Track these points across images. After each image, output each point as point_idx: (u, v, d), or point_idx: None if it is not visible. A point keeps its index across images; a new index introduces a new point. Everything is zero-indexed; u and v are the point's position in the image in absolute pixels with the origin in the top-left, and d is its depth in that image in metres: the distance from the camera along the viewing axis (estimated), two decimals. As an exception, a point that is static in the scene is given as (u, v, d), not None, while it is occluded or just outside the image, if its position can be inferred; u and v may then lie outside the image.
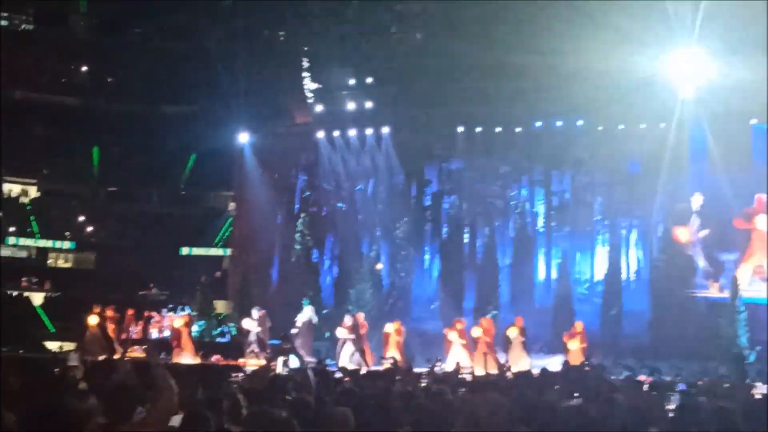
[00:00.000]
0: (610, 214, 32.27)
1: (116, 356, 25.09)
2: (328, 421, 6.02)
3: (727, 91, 26.67)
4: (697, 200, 29.42)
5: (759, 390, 13.74)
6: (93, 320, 28.12)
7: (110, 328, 28.69)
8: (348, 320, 26.48)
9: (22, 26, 40.73)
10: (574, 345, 25.19)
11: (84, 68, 41.41)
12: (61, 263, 46.27)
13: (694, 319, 28.67)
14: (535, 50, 26.48)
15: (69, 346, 33.16)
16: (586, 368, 17.38)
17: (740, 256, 28.88)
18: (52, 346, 33.15)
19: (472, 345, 26.06)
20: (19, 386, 7.11)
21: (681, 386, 15.34)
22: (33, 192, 46.63)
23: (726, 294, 27.95)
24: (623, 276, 31.09)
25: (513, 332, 25.78)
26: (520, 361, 24.44)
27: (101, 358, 23.49)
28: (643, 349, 27.54)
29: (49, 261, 45.81)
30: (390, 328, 26.51)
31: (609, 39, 25.07)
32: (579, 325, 26.17)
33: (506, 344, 25.80)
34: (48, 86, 40.20)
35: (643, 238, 32.21)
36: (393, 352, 25.65)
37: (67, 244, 45.33)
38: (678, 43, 27.02)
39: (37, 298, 40.67)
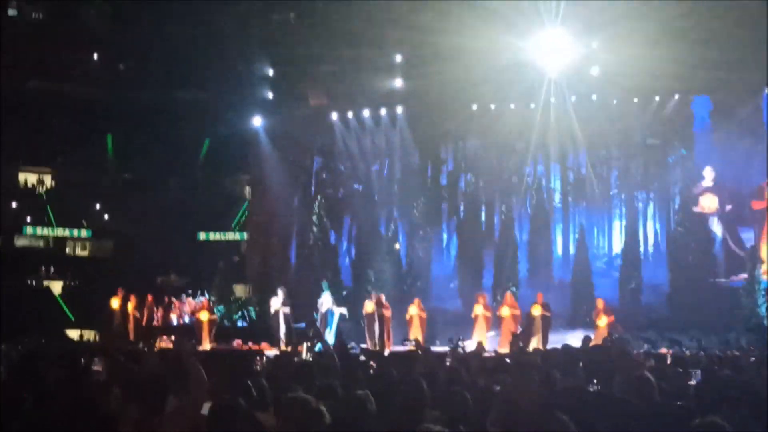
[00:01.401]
0: (627, 187, 32.23)
1: (141, 344, 25.35)
2: (354, 405, 6.05)
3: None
4: (708, 174, 29.40)
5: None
6: (115, 304, 28.34)
7: (133, 314, 28.84)
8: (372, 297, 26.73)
9: (33, 16, 40.75)
10: (602, 322, 25.25)
11: (96, 57, 41.42)
12: (79, 252, 46.48)
13: (713, 290, 28.68)
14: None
15: (89, 334, 33.44)
16: (609, 344, 17.38)
17: (759, 231, 28.81)
18: (73, 334, 33.38)
19: (496, 320, 26.19)
20: (51, 381, 7.17)
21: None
22: (49, 181, 46.84)
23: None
24: (641, 249, 31.09)
25: (537, 310, 25.82)
26: (541, 339, 24.56)
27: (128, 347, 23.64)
28: (663, 322, 27.57)
29: (66, 250, 46.02)
30: (413, 310, 26.56)
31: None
32: (600, 303, 26.15)
33: (530, 323, 25.83)
34: (61, 76, 40.23)
35: (660, 210, 32.16)
36: (417, 333, 25.71)
37: (84, 233, 45.54)
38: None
39: (56, 287, 40.91)
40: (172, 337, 27.50)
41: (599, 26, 27.01)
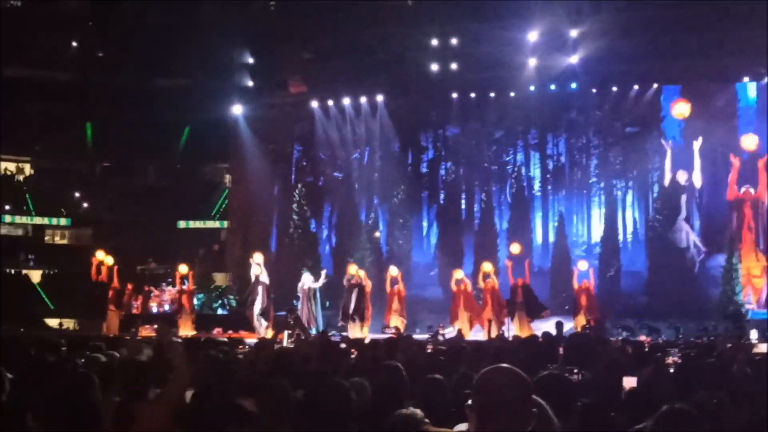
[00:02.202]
0: (606, 175, 32.39)
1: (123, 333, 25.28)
2: (335, 393, 6.08)
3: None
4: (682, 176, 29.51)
5: (759, 349, 13.88)
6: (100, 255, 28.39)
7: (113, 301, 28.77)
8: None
9: (11, 2, 40.42)
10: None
11: (75, 43, 41.12)
12: (58, 240, 46.22)
13: (692, 278, 28.90)
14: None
15: (68, 322, 33.29)
16: (587, 331, 17.51)
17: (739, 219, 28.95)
18: (53, 323, 33.23)
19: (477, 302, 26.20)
20: (31, 368, 7.17)
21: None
22: (27, 170, 46.52)
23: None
24: (620, 237, 31.28)
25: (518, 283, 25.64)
26: (523, 325, 24.59)
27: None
28: (642, 309, 27.79)
29: (45, 238, 45.76)
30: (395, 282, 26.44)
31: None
32: (584, 283, 26.06)
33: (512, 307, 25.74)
34: (39, 62, 39.91)
35: (639, 198, 32.36)
36: (396, 320, 25.67)
37: (63, 221, 45.28)
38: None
39: (35, 276, 40.68)
40: (154, 326, 27.44)
41: (579, 15, 27.12)
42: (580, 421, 5.45)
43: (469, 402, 3.66)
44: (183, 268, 28.36)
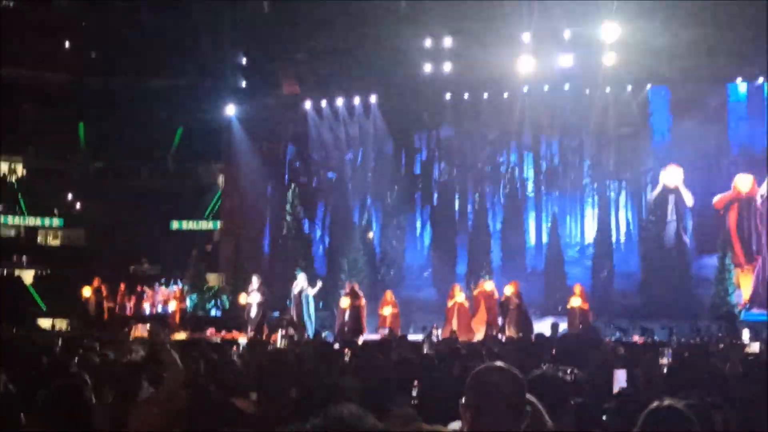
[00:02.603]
0: (599, 176, 32.42)
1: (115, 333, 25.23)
2: (331, 392, 6.08)
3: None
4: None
5: (752, 349, 13.92)
6: (87, 292, 28.32)
7: (107, 304, 28.82)
8: (347, 288, 26.52)
9: (3, 3, 40.36)
10: (577, 302, 25.10)
11: (68, 44, 41.08)
12: (51, 241, 46.15)
13: (685, 279, 28.97)
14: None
15: (61, 323, 33.24)
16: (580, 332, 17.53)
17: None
18: (45, 323, 33.18)
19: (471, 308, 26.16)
20: (23, 368, 7.16)
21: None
22: (20, 170, 46.43)
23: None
24: (613, 238, 31.29)
25: (509, 290, 25.52)
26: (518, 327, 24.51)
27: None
28: (635, 310, 27.82)
29: (38, 239, 45.68)
30: (387, 310, 26.23)
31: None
32: (577, 288, 26.02)
33: (504, 311, 25.72)
34: (32, 63, 39.87)
35: (632, 199, 32.38)
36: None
37: (56, 222, 45.21)
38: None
39: (28, 277, 40.61)
40: (147, 326, 27.41)
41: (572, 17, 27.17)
42: (573, 420, 5.46)
43: (463, 400, 3.68)
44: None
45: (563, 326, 23.83)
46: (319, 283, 27.20)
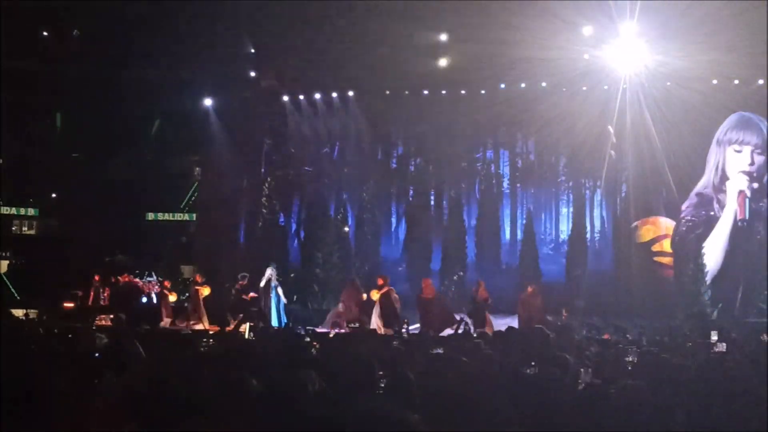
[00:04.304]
0: (574, 174, 32.56)
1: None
2: (297, 384, 6.08)
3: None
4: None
5: (719, 348, 14.02)
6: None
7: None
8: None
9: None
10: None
11: (44, 33, 40.74)
12: (25, 230, 45.87)
13: (658, 278, 29.18)
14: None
15: (34, 313, 33.06)
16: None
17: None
18: (18, 313, 32.98)
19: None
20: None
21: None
22: (-5, 159, 46.14)
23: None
24: (588, 235, 31.44)
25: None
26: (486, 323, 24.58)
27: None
28: (608, 308, 27.96)
29: (12, 228, 45.40)
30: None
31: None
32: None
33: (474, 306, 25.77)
34: (8, 52, 39.54)
35: (607, 197, 32.53)
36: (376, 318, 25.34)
37: (30, 211, 44.96)
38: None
39: (2, 266, 40.38)
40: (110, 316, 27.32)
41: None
42: (535, 416, 5.50)
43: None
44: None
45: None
46: (269, 271, 26.95)
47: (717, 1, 24.57)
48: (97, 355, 6.44)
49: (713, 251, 28.84)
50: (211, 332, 21.29)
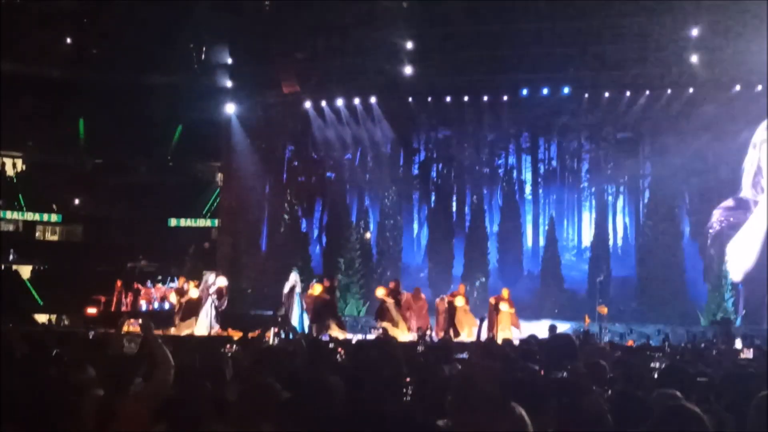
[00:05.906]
0: (597, 180, 32.46)
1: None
2: (321, 391, 6.08)
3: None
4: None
5: (745, 355, 13.93)
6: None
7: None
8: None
9: (4, -2, 40.38)
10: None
11: (68, 39, 41.03)
12: (49, 236, 46.21)
13: (681, 284, 28.98)
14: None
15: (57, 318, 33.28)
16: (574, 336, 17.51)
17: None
18: (41, 318, 33.21)
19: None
20: (21, 357, 7.18)
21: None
22: (19, 165, 46.49)
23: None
24: (610, 242, 31.31)
25: (504, 306, 25.32)
26: (507, 331, 24.34)
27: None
28: (631, 315, 27.86)
29: (36, 234, 45.73)
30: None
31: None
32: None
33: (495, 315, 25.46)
34: (33, 58, 39.86)
35: (630, 203, 32.42)
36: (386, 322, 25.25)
37: (54, 217, 45.29)
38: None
39: (25, 272, 40.66)
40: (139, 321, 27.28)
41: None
42: (554, 422, 5.47)
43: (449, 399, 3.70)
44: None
45: (564, 327, 23.81)
46: (293, 276, 26.74)
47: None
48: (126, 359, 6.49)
49: (745, 254, 28.44)
50: (235, 338, 21.31)
